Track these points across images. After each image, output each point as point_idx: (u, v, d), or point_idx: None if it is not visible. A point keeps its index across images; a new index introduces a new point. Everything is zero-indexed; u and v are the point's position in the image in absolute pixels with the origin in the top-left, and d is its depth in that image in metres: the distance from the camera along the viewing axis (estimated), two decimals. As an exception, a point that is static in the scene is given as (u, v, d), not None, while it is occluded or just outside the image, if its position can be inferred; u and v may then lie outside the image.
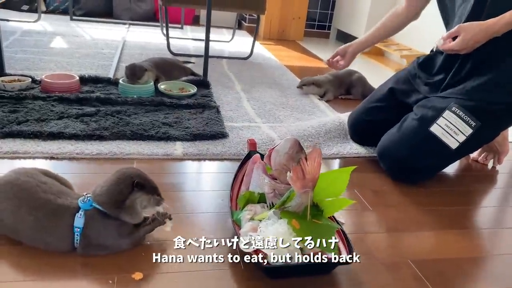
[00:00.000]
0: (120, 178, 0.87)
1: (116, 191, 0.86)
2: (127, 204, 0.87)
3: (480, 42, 1.26)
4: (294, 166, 0.85)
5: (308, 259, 0.86)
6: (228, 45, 3.14)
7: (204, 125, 1.57)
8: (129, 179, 0.86)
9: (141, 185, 0.87)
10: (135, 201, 0.87)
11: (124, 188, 0.86)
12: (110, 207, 0.86)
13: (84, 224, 0.85)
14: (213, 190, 1.21)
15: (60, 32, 2.92)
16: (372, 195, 1.28)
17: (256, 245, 0.85)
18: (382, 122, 1.50)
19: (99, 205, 0.86)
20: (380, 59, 3.28)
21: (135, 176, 0.87)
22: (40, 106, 1.55)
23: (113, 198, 0.86)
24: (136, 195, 0.86)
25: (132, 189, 0.86)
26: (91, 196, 0.88)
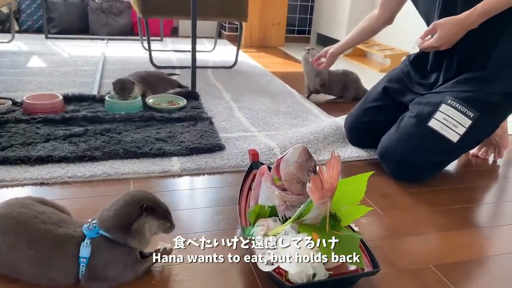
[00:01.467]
0: (128, 201, 0.81)
1: (124, 215, 0.80)
2: (135, 228, 0.80)
3: (458, 36, 1.26)
4: (312, 175, 0.80)
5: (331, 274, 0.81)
6: (211, 55, 3.09)
7: (199, 138, 1.51)
8: (138, 202, 0.80)
9: (150, 208, 0.81)
10: (144, 226, 0.80)
11: (133, 211, 0.80)
12: (117, 232, 0.79)
13: (90, 253, 0.78)
14: (217, 206, 1.15)
15: (37, 51, 2.82)
16: (380, 199, 1.24)
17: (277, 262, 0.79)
18: (379, 122, 1.47)
19: (106, 231, 0.79)
20: (363, 60, 3.28)
21: (145, 199, 0.81)
22: (24, 129, 1.47)
23: (120, 222, 0.79)
24: (145, 219, 0.80)
25: (141, 212, 0.80)
26: (97, 222, 0.81)
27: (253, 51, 3.46)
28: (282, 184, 1.01)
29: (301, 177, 0.99)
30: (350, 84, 2.19)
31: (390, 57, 2.97)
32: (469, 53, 1.31)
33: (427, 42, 1.29)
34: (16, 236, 0.78)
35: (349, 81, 2.19)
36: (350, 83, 2.19)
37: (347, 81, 2.19)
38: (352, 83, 2.19)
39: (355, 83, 2.21)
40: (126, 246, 0.80)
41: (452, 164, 1.50)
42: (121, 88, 1.71)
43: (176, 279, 0.86)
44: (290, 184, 0.98)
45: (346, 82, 2.18)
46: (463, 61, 1.33)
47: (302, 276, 0.79)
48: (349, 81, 2.19)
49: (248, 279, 0.87)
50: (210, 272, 0.89)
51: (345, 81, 2.18)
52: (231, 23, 3.82)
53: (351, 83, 2.19)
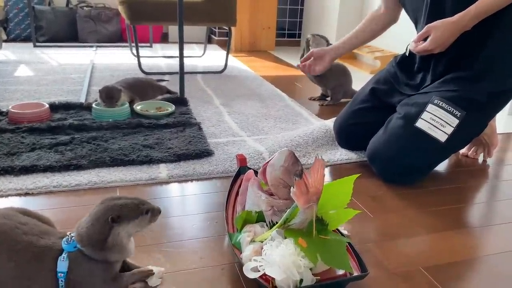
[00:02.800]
0: (94, 218, 0.77)
1: (95, 232, 0.76)
2: (110, 242, 0.77)
3: (452, 38, 1.26)
4: (296, 180, 0.79)
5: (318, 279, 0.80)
6: (201, 60, 3.08)
7: (187, 143, 1.50)
8: (104, 216, 0.76)
9: (118, 217, 0.76)
10: (119, 236, 0.77)
11: (102, 228, 0.76)
12: (93, 250, 0.77)
13: (68, 268, 0.76)
14: (205, 212, 1.14)
15: (24, 60, 2.80)
16: (370, 201, 1.23)
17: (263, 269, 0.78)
18: (368, 124, 1.47)
19: (83, 247, 0.77)
20: (353, 62, 3.29)
21: (109, 210, 0.77)
22: (8, 139, 1.45)
23: (94, 240, 0.76)
24: (117, 229, 0.77)
25: (111, 225, 0.76)
26: (74, 236, 0.79)
27: (244, 56, 3.45)
28: (269, 189, 0.99)
29: (288, 182, 0.97)
30: (343, 84, 2.16)
31: (380, 59, 2.97)
32: (457, 53, 1.30)
33: (421, 46, 1.28)
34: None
35: (344, 82, 2.17)
36: (344, 83, 2.17)
37: (342, 81, 2.16)
38: (346, 84, 2.18)
39: (348, 84, 2.20)
40: (104, 261, 0.78)
41: (442, 164, 1.49)
42: (107, 96, 1.69)
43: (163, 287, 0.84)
44: (277, 188, 0.97)
45: (341, 81, 2.15)
46: (451, 61, 1.32)
47: (289, 282, 0.77)
48: (343, 82, 2.17)
49: (236, 286, 0.86)
50: (197, 280, 0.87)
51: (341, 79, 2.15)
52: (221, 28, 3.81)
53: (345, 83, 2.18)
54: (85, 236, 0.77)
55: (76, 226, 0.80)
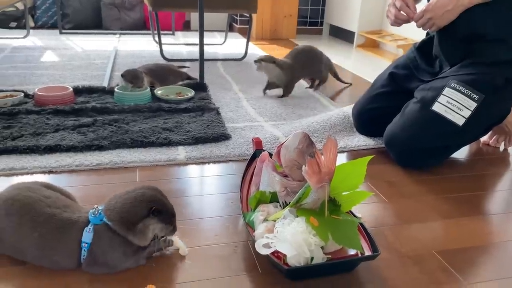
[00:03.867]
0: (137, 199, 0.81)
1: (131, 212, 0.80)
2: (139, 228, 0.80)
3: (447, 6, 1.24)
4: (309, 159, 0.80)
5: (329, 258, 0.81)
6: (222, 48, 3.09)
7: (205, 127, 1.52)
8: (147, 203, 0.80)
9: (158, 212, 0.81)
10: (148, 227, 0.81)
11: (140, 211, 0.80)
12: (120, 226, 0.80)
13: (92, 239, 0.80)
14: (221, 193, 1.16)
15: (50, 46, 2.87)
16: (386, 186, 1.23)
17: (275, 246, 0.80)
18: (386, 109, 1.46)
19: (110, 221, 0.81)
20: (376, 51, 3.24)
21: (154, 200, 0.81)
22: (34, 120, 1.50)
23: (125, 218, 0.80)
24: (150, 221, 0.81)
25: (148, 214, 0.80)
26: (103, 209, 0.82)
27: (265, 44, 3.45)
28: (283, 170, 1.01)
29: (302, 163, 0.98)
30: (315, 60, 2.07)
31: (403, 47, 2.92)
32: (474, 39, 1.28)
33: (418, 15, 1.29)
34: (21, 218, 0.80)
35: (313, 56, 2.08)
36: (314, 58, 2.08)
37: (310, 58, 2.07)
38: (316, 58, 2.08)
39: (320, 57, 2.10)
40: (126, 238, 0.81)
41: (461, 152, 1.47)
42: (133, 77, 1.74)
43: (176, 263, 0.87)
44: (291, 170, 0.98)
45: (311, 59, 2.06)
46: (468, 47, 1.30)
47: (300, 259, 0.79)
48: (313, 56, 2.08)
49: (249, 263, 0.88)
50: (211, 256, 0.89)
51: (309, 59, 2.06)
52: (242, 16, 3.81)
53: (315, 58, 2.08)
54: (118, 211, 0.80)
55: (108, 200, 0.84)
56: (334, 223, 0.83)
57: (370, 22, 3.36)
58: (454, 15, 1.25)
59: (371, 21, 3.36)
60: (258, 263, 0.88)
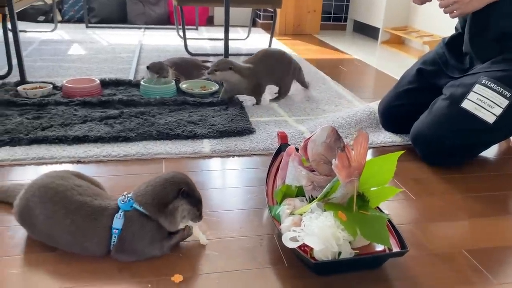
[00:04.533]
0: (168, 181, 0.84)
1: (161, 194, 0.83)
2: (170, 209, 0.83)
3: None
4: (339, 153, 0.79)
5: (357, 253, 0.80)
6: (245, 43, 3.09)
7: (230, 121, 1.52)
8: (177, 185, 0.83)
9: (187, 194, 0.84)
10: (178, 209, 0.84)
11: (170, 192, 0.83)
12: (152, 209, 0.82)
13: (122, 225, 0.81)
14: (245, 186, 1.16)
15: (77, 39, 2.92)
16: (413, 184, 1.21)
17: (302, 239, 0.79)
18: (413, 106, 1.43)
19: (140, 205, 0.82)
20: (401, 48, 3.19)
21: (184, 183, 0.84)
22: (63, 111, 1.53)
23: (157, 200, 0.82)
24: (179, 202, 0.83)
25: (177, 195, 0.83)
26: (132, 196, 0.84)
27: (288, 39, 3.43)
28: (310, 165, 1.00)
29: (329, 158, 0.98)
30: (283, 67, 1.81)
31: (429, 44, 2.86)
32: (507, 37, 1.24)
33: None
34: (54, 206, 0.82)
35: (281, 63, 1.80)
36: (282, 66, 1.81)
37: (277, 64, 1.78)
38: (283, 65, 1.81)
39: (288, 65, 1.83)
40: (156, 222, 0.83)
41: (491, 150, 1.44)
42: (159, 68, 1.77)
43: (203, 254, 0.87)
44: (318, 164, 0.97)
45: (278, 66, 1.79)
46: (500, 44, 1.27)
47: (327, 253, 0.78)
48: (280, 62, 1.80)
49: (274, 256, 0.88)
50: (236, 248, 0.90)
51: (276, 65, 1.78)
52: (265, 11, 3.80)
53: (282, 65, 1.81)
54: (150, 194, 0.83)
55: (137, 187, 0.85)
56: (363, 218, 0.82)
57: (395, 18, 3.30)
58: (481, 5, 1.21)
59: (396, 17, 3.30)
60: (284, 256, 0.88)
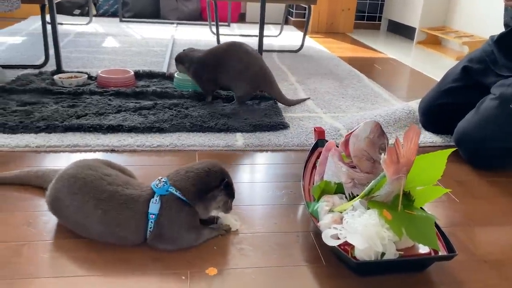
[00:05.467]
0: (210, 170, 0.82)
1: (204, 181, 0.82)
2: (209, 197, 0.82)
3: None
4: (389, 148, 0.75)
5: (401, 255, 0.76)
6: (277, 40, 3.05)
7: (263, 116, 1.49)
8: (220, 175, 0.83)
9: (228, 184, 0.83)
10: (216, 198, 0.83)
11: (213, 181, 0.82)
12: (192, 195, 0.81)
13: (159, 210, 0.79)
14: (279, 181, 1.13)
15: (111, 32, 2.95)
16: (457, 186, 1.15)
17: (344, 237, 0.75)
18: (457, 105, 1.37)
19: (179, 190, 0.80)
20: (438, 48, 3.08)
21: (226, 174, 0.84)
22: (97, 100, 1.53)
23: (198, 187, 0.81)
24: (219, 193, 0.82)
25: (219, 185, 0.82)
26: (168, 180, 0.82)
27: (320, 37, 3.38)
28: (350, 161, 0.96)
29: (371, 154, 0.93)
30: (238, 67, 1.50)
31: (469, 45, 2.75)
32: None
33: None
34: (84, 196, 0.80)
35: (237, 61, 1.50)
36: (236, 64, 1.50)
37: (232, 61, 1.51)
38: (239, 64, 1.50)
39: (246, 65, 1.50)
40: (192, 208, 0.81)
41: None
42: None
43: (238, 247, 0.85)
44: (359, 161, 0.93)
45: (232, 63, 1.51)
46: None
47: (370, 253, 0.74)
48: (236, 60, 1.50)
49: (311, 254, 0.84)
50: (271, 244, 0.86)
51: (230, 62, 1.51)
52: (298, 9, 3.76)
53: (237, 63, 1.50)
54: (191, 180, 0.81)
55: (174, 173, 0.83)
56: (409, 218, 0.78)
57: (433, 18, 3.20)
58: None
59: (434, 17, 3.20)
60: (322, 254, 0.84)
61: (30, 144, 1.22)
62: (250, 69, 1.52)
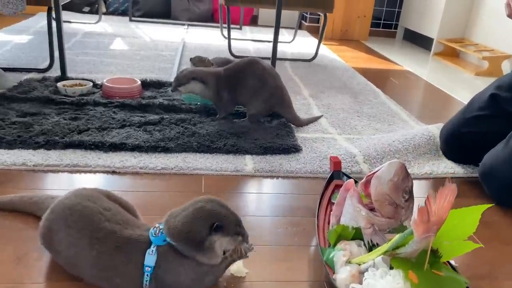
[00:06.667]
0: (197, 216, 0.72)
1: (194, 231, 0.71)
2: (206, 245, 0.72)
3: None
4: (419, 207, 0.67)
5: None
6: (290, 46, 2.97)
7: (274, 136, 1.41)
8: (207, 219, 0.72)
9: (220, 227, 0.72)
10: (215, 244, 0.72)
11: (202, 230, 0.71)
12: (187, 248, 0.72)
13: (156, 262, 0.72)
14: (291, 216, 1.05)
15: (120, 33, 2.88)
16: (481, 228, 1.04)
17: (364, 303, 0.67)
18: (483, 135, 1.28)
19: (174, 241, 0.72)
20: (455, 61, 2.98)
21: (214, 216, 0.72)
22: (101, 113, 1.46)
23: (191, 238, 0.71)
24: (215, 237, 0.72)
25: (210, 232, 0.72)
26: (164, 228, 0.74)
27: (334, 44, 3.29)
28: (370, 202, 0.88)
29: (394, 198, 0.85)
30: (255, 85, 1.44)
31: (489, 60, 2.65)
32: None
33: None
34: (79, 232, 0.73)
35: (254, 79, 1.44)
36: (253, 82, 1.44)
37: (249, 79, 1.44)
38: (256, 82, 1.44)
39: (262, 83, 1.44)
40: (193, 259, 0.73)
41: None
42: (199, 60, 1.79)
43: None
44: (381, 205, 0.85)
45: (249, 81, 1.45)
46: None
47: (394, 323, 0.66)
48: (253, 78, 1.44)
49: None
50: (282, 296, 0.79)
51: (247, 80, 1.45)
52: (312, 13, 3.66)
53: (255, 81, 1.44)
54: (182, 232, 0.72)
55: (166, 219, 0.75)
56: (437, 280, 0.70)
57: (452, 29, 3.09)
58: None
59: (453, 28, 3.09)
60: (337, 312, 0.76)
61: (28, 162, 1.15)
62: (266, 88, 1.45)
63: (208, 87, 1.45)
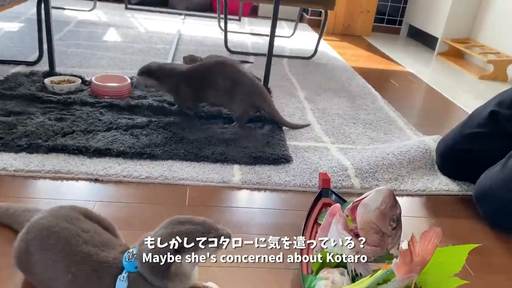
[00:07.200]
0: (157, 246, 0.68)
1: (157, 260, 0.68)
2: (172, 272, 0.68)
3: None
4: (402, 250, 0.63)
5: None
6: (289, 41, 2.90)
7: (265, 144, 1.37)
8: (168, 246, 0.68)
9: (181, 247, 0.68)
10: (182, 265, 0.69)
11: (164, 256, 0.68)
12: (154, 277, 0.69)
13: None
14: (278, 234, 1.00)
15: (115, 23, 2.81)
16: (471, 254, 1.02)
17: None
18: (481, 153, 1.24)
19: (141, 271, 0.69)
20: (459, 62, 2.92)
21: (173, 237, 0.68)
22: (87, 113, 1.42)
23: (155, 267, 0.68)
24: (180, 260, 0.68)
25: (174, 255, 0.68)
26: (136, 255, 0.71)
27: (335, 40, 3.22)
28: (355, 227, 0.84)
29: (381, 227, 0.82)
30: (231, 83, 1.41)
31: (494, 63, 2.59)
32: None
33: None
34: (56, 255, 0.71)
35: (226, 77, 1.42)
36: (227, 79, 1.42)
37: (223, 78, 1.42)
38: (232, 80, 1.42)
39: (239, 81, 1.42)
40: None
41: None
42: (191, 59, 1.75)
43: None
44: (367, 233, 0.81)
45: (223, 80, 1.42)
46: None
47: None
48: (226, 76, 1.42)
49: None
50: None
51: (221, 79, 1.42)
52: (314, 7, 3.58)
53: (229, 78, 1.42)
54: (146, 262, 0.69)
55: (139, 243, 0.72)
56: (418, 323, 0.67)
57: (457, 29, 3.02)
58: None
59: (459, 28, 3.01)
60: None
61: (8, 167, 1.11)
62: (242, 88, 1.42)
63: (161, 82, 1.44)
